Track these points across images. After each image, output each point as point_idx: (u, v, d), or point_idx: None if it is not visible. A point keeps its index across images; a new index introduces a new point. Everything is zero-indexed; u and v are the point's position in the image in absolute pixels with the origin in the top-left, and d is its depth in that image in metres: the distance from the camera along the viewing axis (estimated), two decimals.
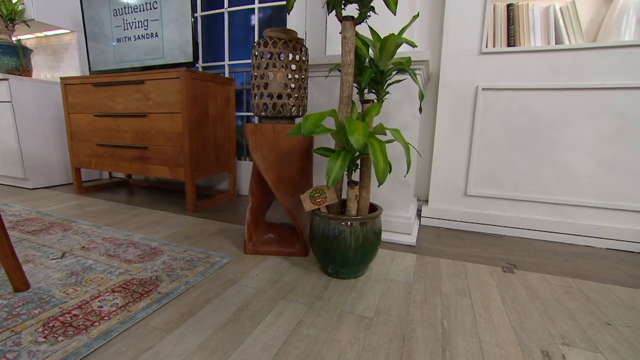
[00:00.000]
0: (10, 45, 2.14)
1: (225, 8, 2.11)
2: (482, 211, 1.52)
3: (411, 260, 1.16)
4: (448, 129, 1.53)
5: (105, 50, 2.05)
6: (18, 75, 2.16)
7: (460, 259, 1.19)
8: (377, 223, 0.99)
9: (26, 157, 2.11)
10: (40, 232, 1.32)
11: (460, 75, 1.48)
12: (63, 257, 1.08)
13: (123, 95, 1.81)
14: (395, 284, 0.98)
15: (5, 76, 2.01)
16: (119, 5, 1.94)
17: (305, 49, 1.16)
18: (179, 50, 1.82)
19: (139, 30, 1.91)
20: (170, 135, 1.71)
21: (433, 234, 1.48)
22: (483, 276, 1.06)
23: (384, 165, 0.83)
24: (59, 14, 2.33)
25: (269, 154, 1.16)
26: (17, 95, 2.05)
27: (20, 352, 0.63)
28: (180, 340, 0.69)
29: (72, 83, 1.96)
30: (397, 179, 1.32)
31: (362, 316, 0.81)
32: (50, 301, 0.81)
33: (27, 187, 2.17)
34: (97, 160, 1.97)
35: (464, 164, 1.53)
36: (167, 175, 1.75)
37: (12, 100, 2.04)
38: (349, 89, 0.94)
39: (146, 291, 0.88)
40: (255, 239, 1.23)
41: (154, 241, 1.25)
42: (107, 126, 1.89)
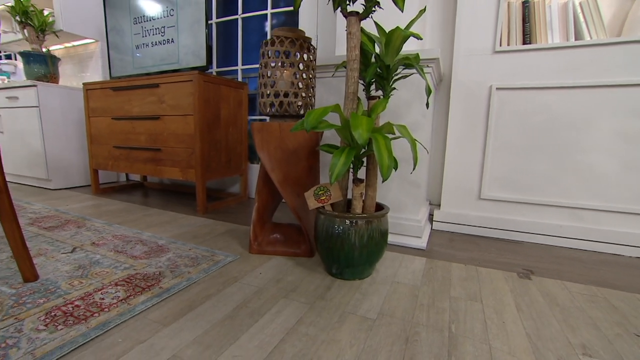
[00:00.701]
0: (40, 54, 2.26)
1: (239, 14, 2.17)
2: (497, 215, 1.45)
3: (420, 264, 1.12)
4: (461, 130, 1.48)
5: (125, 57, 2.13)
6: (46, 82, 2.28)
7: (473, 264, 1.14)
8: (383, 222, 0.96)
9: (50, 160, 2.21)
10: (55, 228, 1.36)
11: (473, 74, 1.44)
12: (73, 251, 1.10)
13: (139, 98, 1.87)
14: (401, 286, 0.94)
15: (34, 83, 2.12)
16: (139, 14, 2.02)
17: (313, 48, 1.16)
18: (193, 55, 1.87)
19: (156, 37, 1.98)
20: (183, 137, 1.74)
21: (445, 238, 1.43)
22: (497, 281, 1.00)
23: (389, 160, 0.81)
24: (85, 25, 2.45)
25: (276, 152, 1.16)
26: (44, 101, 2.16)
27: (20, 338, 0.64)
28: (176, 334, 0.68)
29: (93, 88, 2.04)
30: (407, 180, 1.29)
31: (365, 317, 0.77)
32: (55, 292, 0.82)
33: (50, 187, 2.27)
34: (113, 162, 2.03)
35: (478, 166, 1.47)
36: (178, 177, 1.78)
37: (39, 105, 2.15)
38: (354, 84, 0.93)
39: (148, 286, 0.88)
40: (261, 239, 1.22)
41: (162, 239, 1.27)
42: (124, 129, 1.95)
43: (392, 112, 1.28)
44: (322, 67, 1.36)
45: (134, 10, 2.04)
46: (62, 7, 2.31)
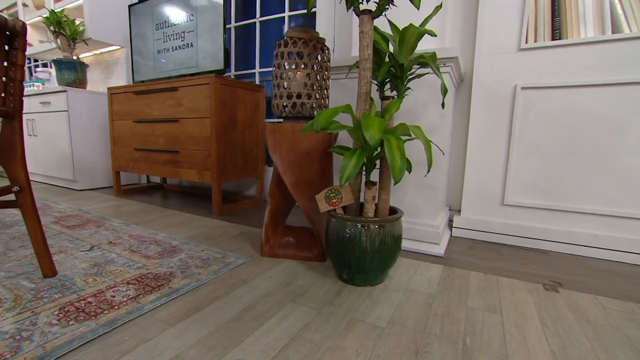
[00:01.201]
0: (71, 62, 2.41)
1: (257, 18, 2.21)
2: (522, 223, 1.38)
3: (437, 271, 1.08)
4: (483, 132, 1.43)
5: (147, 61, 2.23)
6: (75, 87, 2.42)
7: (494, 273, 1.08)
8: (396, 227, 0.94)
9: (76, 162, 2.33)
10: (77, 227, 1.43)
11: (496, 73, 1.38)
12: (91, 249, 1.15)
13: (158, 102, 1.94)
14: (415, 294, 0.91)
15: (65, 88, 2.26)
16: (161, 20, 2.11)
17: (327, 48, 1.16)
18: (211, 58, 1.92)
19: (176, 42, 2.06)
20: (199, 140, 1.78)
21: (465, 245, 1.37)
22: (519, 293, 0.94)
23: (401, 162, 0.78)
24: (112, 33, 2.59)
25: (288, 154, 1.16)
26: (73, 105, 2.29)
27: (34, 331, 0.67)
28: (181, 334, 0.69)
29: (117, 92, 2.14)
30: (424, 183, 1.25)
31: (374, 325, 0.75)
32: (70, 288, 0.86)
33: (76, 188, 2.39)
34: (134, 164, 2.12)
35: (501, 171, 1.41)
36: (195, 179, 1.82)
37: (68, 109, 2.28)
38: (367, 85, 0.91)
39: (158, 285, 0.90)
40: (273, 242, 1.23)
41: (175, 240, 1.30)
42: (144, 131, 2.03)
43: (408, 113, 1.25)
44: (338, 69, 1.36)
45: (156, 16, 2.13)
46: (91, 17, 2.45)
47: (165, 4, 2.08)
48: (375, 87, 1.26)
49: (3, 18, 0.75)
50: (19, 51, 0.83)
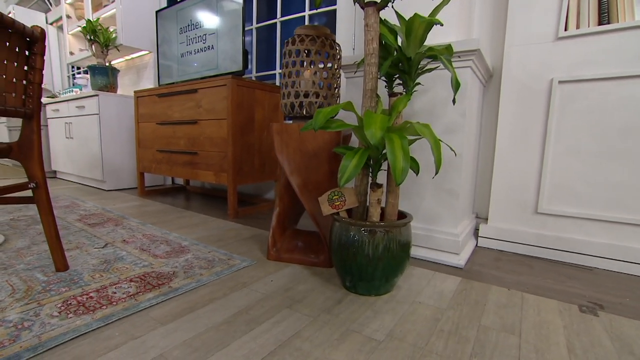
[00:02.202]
0: (103, 67, 2.61)
1: (278, 18, 2.26)
2: (558, 234, 1.27)
3: (452, 284, 1.02)
4: (513, 132, 1.34)
5: (172, 65, 2.36)
6: (106, 91, 2.61)
7: (520, 289, 1.00)
8: (403, 233, 0.90)
9: (105, 163, 2.51)
10: (97, 225, 1.53)
11: (529, 66, 1.29)
12: (105, 247, 1.23)
13: (179, 104, 2.03)
14: (423, 307, 0.87)
15: (97, 92, 2.45)
16: (184, 24, 2.23)
17: (338, 45, 1.15)
18: (231, 60, 1.99)
19: (198, 45, 2.16)
20: (217, 141, 1.85)
21: (491, 257, 1.28)
22: (547, 313, 0.86)
23: (404, 163, 0.75)
24: (141, 38, 2.77)
25: (295, 155, 1.16)
26: (103, 109, 2.48)
27: (35, 322, 0.72)
28: (170, 333, 0.71)
29: (142, 95, 2.28)
30: (442, 188, 1.19)
31: (370, 338, 0.72)
32: (77, 282, 0.92)
33: (104, 188, 2.57)
34: (156, 165, 2.24)
35: (534, 175, 1.31)
36: (212, 180, 1.88)
37: (99, 113, 2.47)
38: (372, 81, 0.89)
39: (159, 284, 0.93)
40: (280, 245, 1.23)
41: (186, 240, 1.34)
42: (166, 133, 2.14)
43: (426, 112, 1.20)
44: (351, 66, 1.35)
45: (180, 20, 2.25)
46: (123, 24, 2.64)
47: (189, 8, 2.19)
48: (384, 84, 1.23)
49: (21, 25, 0.83)
50: (37, 56, 0.91)
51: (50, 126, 3.11)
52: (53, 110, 3.01)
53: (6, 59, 0.83)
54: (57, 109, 2.95)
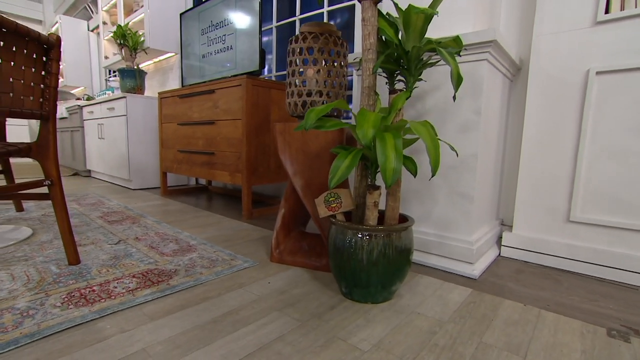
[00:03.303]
0: (131, 70, 2.81)
1: (297, 16, 2.30)
2: (595, 245, 1.17)
3: (460, 295, 0.98)
4: (541, 130, 1.26)
5: (194, 66, 2.48)
6: (134, 93, 2.81)
7: (538, 306, 0.94)
8: (403, 238, 0.88)
9: (132, 162, 2.70)
10: (116, 222, 1.65)
11: (561, 57, 1.21)
12: (117, 243, 1.32)
13: (198, 104, 2.14)
14: (420, 318, 0.84)
15: (124, 94, 2.64)
16: (206, 25, 2.34)
17: (344, 42, 1.15)
18: (249, 60, 2.06)
19: (218, 45, 2.25)
20: (233, 141, 1.91)
21: (513, 268, 1.21)
22: (564, 334, 0.80)
23: (395, 163, 0.74)
24: (167, 41, 2.95)
25: (298, 155, 1.18)
26: (131, 110, 2.67)
27: (39, 311, 0.80)
28: (157, 329, 0.75)
29: (165, 96, 2.43)
30: (456, 191, 1.15)
31: (354, 347, 0.72)
32: (85, 276, 1.00)
33: (130, 187, 2.76)
34: (177, 165, 2.36)
35: (566, 178, 1.22)
36: (227, 181, 1.96)
37: (127, 114, 2.66)
38: (369, 78, 0.89)
39: (158, 281, 0.99)
40: (283, 247, 1.25)
41: (195, 240, 1.41)
42: (186, 133, 2.26)
43: (440, 110, 1.17)
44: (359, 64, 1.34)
45: (202, 21, 2.37)
46: (150, 27, 2.83)
47: (210, 9, 2.29)
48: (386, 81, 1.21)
49: (36, 33, 0.92)
50: (53, 61, 1.01)
51: (85, 127, 3.40)
52: (88, 112, 3.29)
53: (24, 65, 0.93)
54: (91, 110, 3.21)
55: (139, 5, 2.99)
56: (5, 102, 0.90)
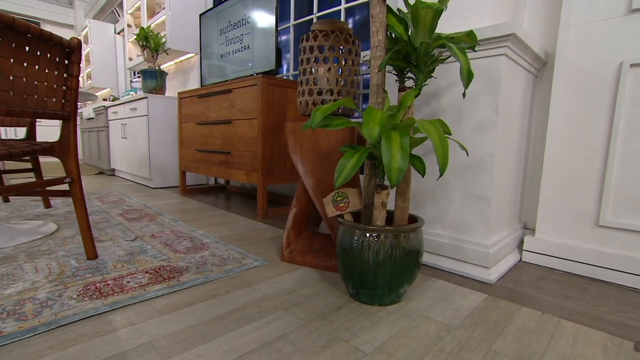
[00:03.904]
0: (153, 70, 2.93)
1: (314, 14, 2.32)
2: (629, 253, 1.11)
3: (473, 301, 0.96)
4: (568, 127, 1.21)
5: (213, 66, 2.56)
6: (155, 94, 2.93)
7: (558, 315, 0.90)
8: (411, 239, 0.88)
9: (152, 162, 2.81)
10: (134, 219, 1.73)
11: (590, 49, 1.16)
12: (134, 240, 1.39)
13: (216, 104, 2.20)
14: (428, 322, 0.84)
15: (146, 95, 2.76)
16: (224, 25, 2.41)
17: (356, 40, 1.16)
18: (265, 59, 2.10)
19: (235, 45, 2.31)
20: (249, 141, 1.96)
21: (534, 274, 1.17)
22: (585, 346, 0.77)
23: (401, 162, 0.74)
24: (188, 41, 3.05)
25: (308, 154, 1.20)
26: (152, 110, 2.78)
27: (57, 301, 0.85)
28: (164, 323, 0.79)
29: (184, 96, 2.52)
30: (473, 193, 1.13)
31: (356, 348, 0.72)
32: (101, 270, 1.06)
33: (151, 186, 2.88)
34: (195, 165, 2.44)
35: (596, 179, 1.16)
36: (243, 180, 2.00)
37: (148, 114, 2.77)
38: (378, 76, 0.89)
39: (170, 277, 1.03)
40: (294, 247, 1.27)
41: (208, 238, 1.46)
42: (204, 133, 2.33)
43: (455, 108, 1.15)
44: None
45: (220, 21, 2.44)
46: (171, 29, 2.94)
47: (228, 9, 2.36)
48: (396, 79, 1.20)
49: (59, 37, 0.99)
50: (74, 64, 1.08)
51: (110, 127, 3.58)
52: (113, 113, 3.46)
53: (47, 68, 1.00)
54: (116, 111, 3.38)
55: (160, 7, 3.12)
56: (30, 104, 0.97)
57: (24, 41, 0.92)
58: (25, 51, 0.93)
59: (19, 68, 0.92)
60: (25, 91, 0.94)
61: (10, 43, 0.88)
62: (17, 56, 0.91)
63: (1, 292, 0.91)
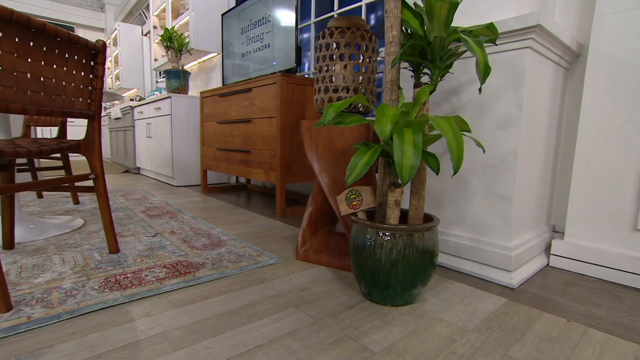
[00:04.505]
0: (176, 71, 3.05)
1: (335, 10, 2.33)
2: None
3: (492, 305, 0.94)
4: (602, 124, 1.16)
5: (234, 65, 2.63)
6: (178, 93, 3.04)
7: (586, 323, 0.87)
8: (425, 239, 0.87)
9: (175, 160, 2.93)
10: (156, 216, 1.81)
11: (628, 38, 1.10)
12: (154, 236, 1.46)
13: (237, 103, 2.26)
14: (442, 325, 0.83)
15: (169, 95, 2.87)
16: (245, 24, 2.47)
17: (373, 36, 1.16)
18: (285, 57, 2.14)
19: (256, 44, 2.37)
20: (268, 139, 2.00)
21: (563, 280, 1.13)
22: (613, 358, 0.74)
23: (413, 159, 0.74)
24: (210, 41, 3.15)
25: (324, 153, 1.22)
26: (175, 109, 2.90)
27: (80, 291, 0.92)
28: (178, 316, 0.83)
29: (206, 96, 2.60)
30: (493, 192, 1.10)
31: (365, 347, 0.73)
32: (122, 264, 1.13)
33: (173, 184, 2.99)
34: (216, 163, 2.52)
35: (633, 178, 1.11)
36: (262, 179, 2.05)
37: (172, 113, 2.89)
38: (392, 72, 0.89)
39: (186, 272, 1.08)
40: (309, 245, 1.29)
41: (226, 235, 1.51)
42: (225, 132, 2.40)
43: (476, 104, 1.13)
44: None
45: (241, 20, 2.51)
46: (194, 29, 3.05)
47: (249, 8, 2.42)
48: (411, 74, 1.19)
49: (85, 40, 1.06)
50: (99, 65, 1.15)
51: (136, 127, 3.75)
52: (138, 112, 3.62)
53: (74, 69, 1.08)
54: (141, 111, 3.54)
55: (184, 8, 3.24)
56: (59, 104, 1.04)
57: (54, 44, 0.99)
58: (55, 54, 1.01)
59: (49, 70, 1.00)
60: (54, 92, 1.02)
61: (41, 47, 0.96)
62: (47, 59, 0.98)
63: (32, 280, 0.99)
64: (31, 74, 0.94)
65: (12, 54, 0.88)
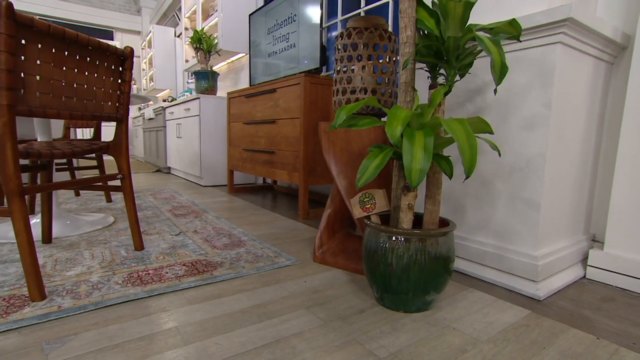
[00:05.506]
0: (205, 72, 3.20)
1: (362, 7, 2.35)
2: None
3: (513, 316, 0.92)
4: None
5: (261, 65, 2.72)
6: (207, 94, 3.19)
7: (618, 342, 0.84)
8: (440, 244, 0.88)
9: (203, 160, 3.07)
10: (181, 215, 1.93)
11: None
12: (178, 235, 1.56)
13: (262, 103, 2.34)
14: (454, 334, 0.83)
15: (198, 95, 3.02)
16: (272, 24, 2.55)
17: (390, 35, 1.18)
18: (310, 57, 2.19)
19: (282, 44, 2.44)
20: (291, 140, 2.06)
21: (599, 294, 1.09)
22: None
23: (423, 163, 0.76)
24: (238, 42, 3.27)
25: (342, 155, 1.25)
26: (204, 110, 3.04)
27: (105, 284, 1.01)
28: (192, 312, 0.90)
29: (233, 96, 2.71)
30: (519, 197, 1.08)
31: (370, 352, 0.75)
32: (145, 261, 1.22)
33: (201, 184, 3.14)
34: (242, 164, 2.62)
35: None
36: (285, 180, 2.11)
37: (200, 114, 3.03)
38: (406, 73, 0.91)
39: (204, 270, 1.15)
40: (326, 248, 1.33)
41: (246, 236, 1.58)
42: (250, 132, 2.49)
43: (502, 104, 1.11)
44: None
45: (268, 21, 2.59)
46: (223, 30, 3.18)
47: (275, 8, 2.50)
48: (428, 75, 1.18)
49: (114, 47, 1.16)
50: (127, 70, 1.25)
51: (167, 127, 3.96)
52: (170, 113, 3.83)
53: (104, 75, 1.19)
54: (172, 111, 3.74)
55: (214, 9, 3.38)
56: (90, 108, 1.15)
57: (86, 53, 1.10)
58: (87, 61, 1.11)
59: (82, 76, 1.10)
60: (85, 97, 1.13)
61: (75, 55, 1.07)
62: (80, 66, 1.09)
63: (64, 273, 1.10)
64: (65, 81, 1.05)
65: (49, 64, 0.99)
